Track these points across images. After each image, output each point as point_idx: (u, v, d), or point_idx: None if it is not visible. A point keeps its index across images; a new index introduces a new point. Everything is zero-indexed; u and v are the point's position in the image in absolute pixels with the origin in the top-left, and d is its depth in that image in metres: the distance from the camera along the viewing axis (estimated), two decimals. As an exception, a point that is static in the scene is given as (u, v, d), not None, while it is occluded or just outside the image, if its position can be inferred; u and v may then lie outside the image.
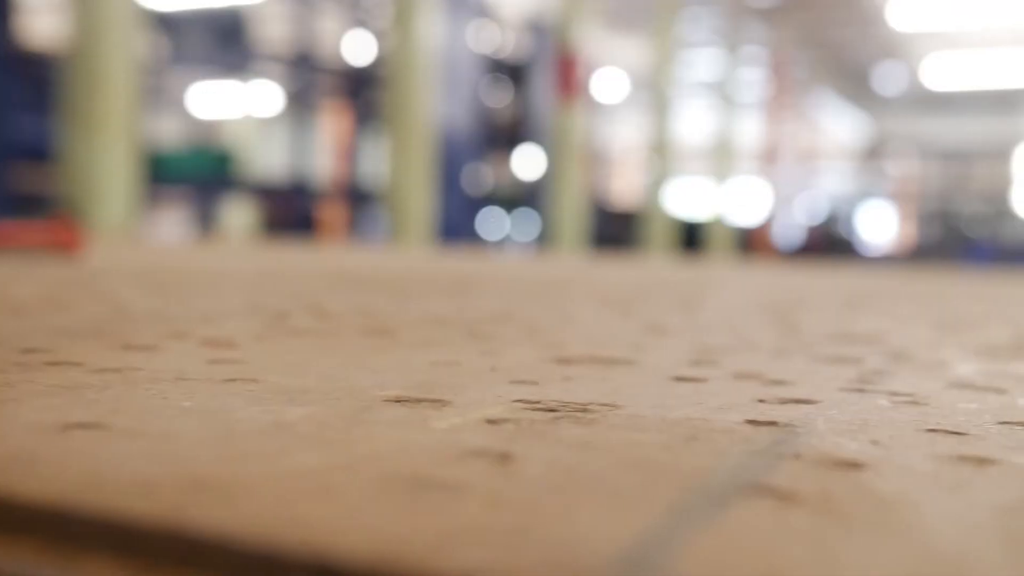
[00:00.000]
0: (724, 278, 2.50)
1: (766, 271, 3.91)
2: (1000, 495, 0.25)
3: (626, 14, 9.95)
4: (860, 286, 2.20)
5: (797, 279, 2.69)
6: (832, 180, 13.71)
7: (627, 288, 1.51)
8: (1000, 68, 10.64)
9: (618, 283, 1.74)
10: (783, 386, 0.45)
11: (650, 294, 1.33)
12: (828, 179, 13.67)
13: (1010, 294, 2.06)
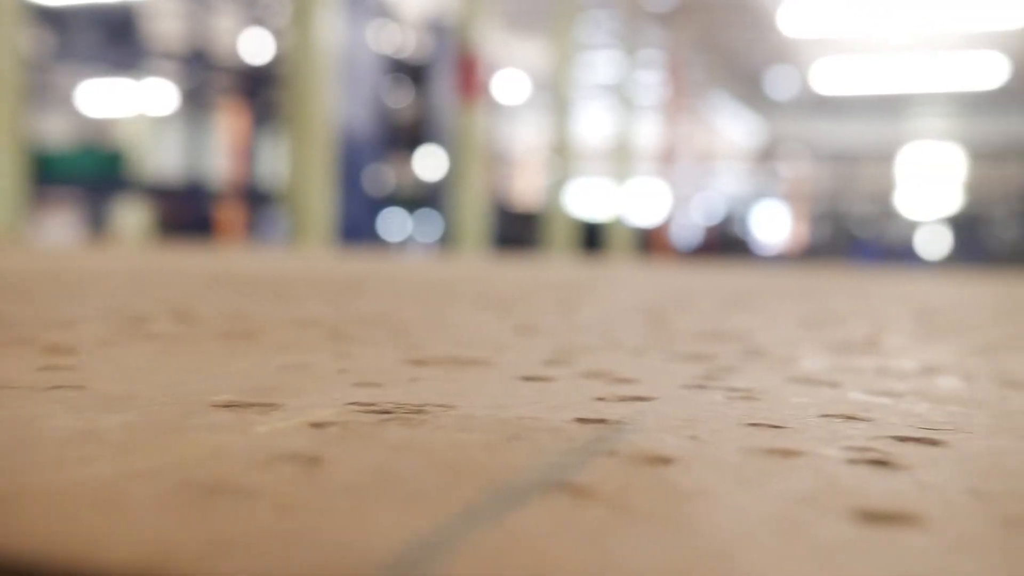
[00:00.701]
0: (617, 278, 2.54)
1: (661, 271, 3.98)
2: (794, 486, 0.26)
3: (526, 16, 10.01)
4: (747, 284, 2.25)
5: (688, 278, 2.74)
6: (728, 181, 14.04)
7: (515, 289, 1.52)
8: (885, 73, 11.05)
9: (508, 284, 1.74)
10: (627, 384, 0.45)
11: (536, 294, 1.34)
12: (724, 180, 14.00)
13: (885, 291, 2.14)
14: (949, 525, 0.23)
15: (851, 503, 0.25)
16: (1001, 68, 10.80)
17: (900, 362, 0.60)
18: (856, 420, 0.38)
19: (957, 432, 0.36)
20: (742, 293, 1.70)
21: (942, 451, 0.32)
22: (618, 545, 0.20)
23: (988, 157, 13.23)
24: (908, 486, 0.27)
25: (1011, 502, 0.25)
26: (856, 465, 0.29)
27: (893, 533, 0.22)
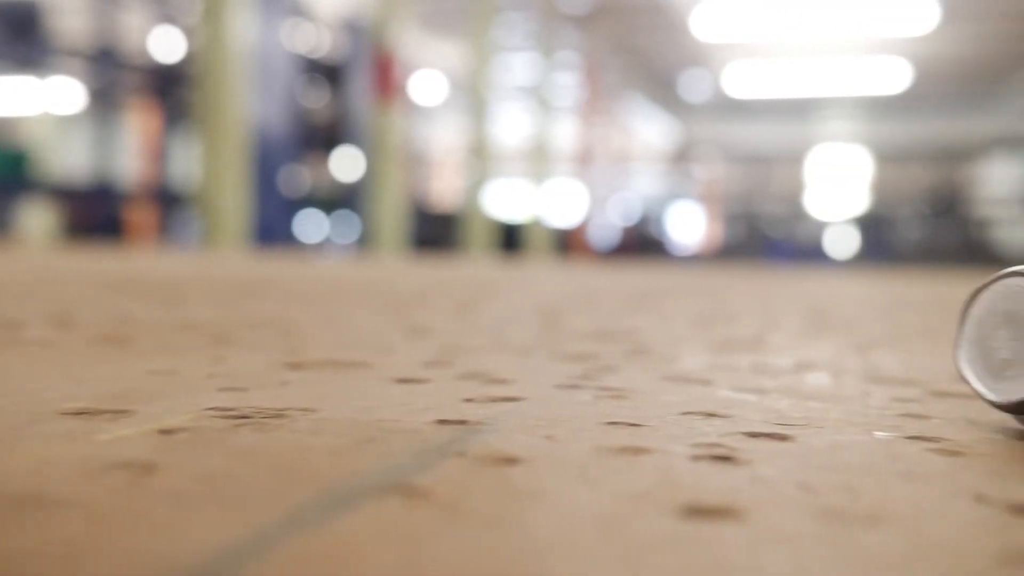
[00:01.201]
0: (528, 278, 2.55)
1: (575, 271, 4.01)
2: (632, 484, 0.27)
3: (443, 17, 9.99)
4: (654, 284, 2.29)
5: (598, 278, 2.77)
6: (644, 182, 14.22)
7: (421, 290, 1.51)
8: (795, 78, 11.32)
9: (415, 285, 1.74)
10: (501, 385, 0.46)
11: (440, 296, 1.34)
12: (640, 181, 14.17)
13: (787, 290, 2.19)
14: (768, 518, 0.24)
15: (682, 499, 0.25)
16: (904, 73, 11.15)
17: (777, 360, 0.62)
18: (715, 417, 0.38)
19: (808, 427, 0.37)
20: (646, 293, 1.72)
21: (787, 446, 0.33)
22: (435, 547, 0.20)
23: (893, 159, 13.66)
24: (743, 481, 0.27)
25: (834, 494, 0.26)
26: (699, 461, 0.30)
27: (711, 527, 0.23)
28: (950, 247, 9.73)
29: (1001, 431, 0.37)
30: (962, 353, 0.38)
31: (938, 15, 8.66)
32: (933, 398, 0.46)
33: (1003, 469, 0.31)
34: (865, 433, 0.36)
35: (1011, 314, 0.36)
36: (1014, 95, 11.57)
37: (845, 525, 0.23)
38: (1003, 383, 0.36)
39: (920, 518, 0.24)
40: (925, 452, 0.33)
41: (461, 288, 1.67)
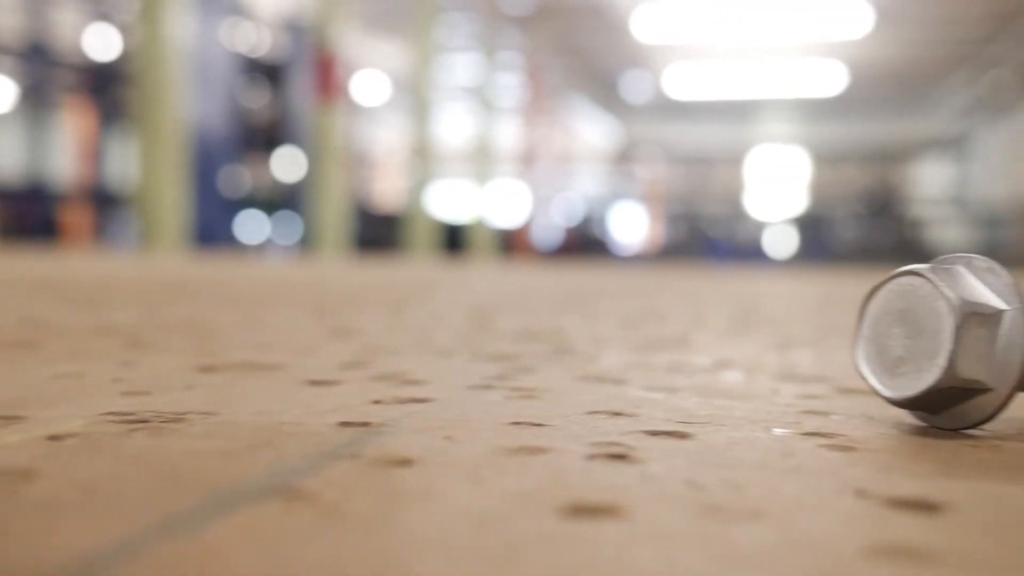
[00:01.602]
0: (467, 278, 2.55)
1: (515, 271, 4.02)
2: (521, 483, 0.27)
3: (385, 17, 9.95)
4: (592, 284, 2.30)
5: (537, 278, 2.78)
6: (586, 183, 14.30)
7: (354, 291, 1.50)
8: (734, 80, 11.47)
9: (350, 286, 1.73)
10: (415, 386, 0.46)
11: (373, 296, 1.33)
12: (583, 182, 14.25)
13: (722, 288, 2.22)
14: (648, 516, 0.24)
15: (567, 498, 0.25)
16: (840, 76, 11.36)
17: (696, 358, 0.63)
18: (621, 416, 0.39)
19: (709, 425, 0.37)
20: (582, 292, 1.73)
21: (685, 444, 0.33)
22: (305, 549, 0.20)
23: (830, 160, 13.91)
24: (632, 479, 0.28)
25: (720, 491, 0.27)
26: (594, 460, 0.30)
27: (589, 526, 0.23)
28: (885, 246, 9.94)
29: (897, 426, 0.38)
30: (859, 350, 0.38)
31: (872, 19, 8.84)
32: (839, 395, 0.47)
33: (891, 464, 0.31)
34: (764, 430, 0.37)
35: (904, 312, 0.37)
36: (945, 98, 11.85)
37: (723, 521, 0.24)
38: (897, 379, 0.37)
39: (798, 513, 0.25)
40: (818, 448, 0.33)
41: (397, 289, 1.67)
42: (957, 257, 0.38)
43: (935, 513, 0.25)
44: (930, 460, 0.32)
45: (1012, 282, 0.36)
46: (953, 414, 0.37)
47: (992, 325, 0.35)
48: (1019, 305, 0.35)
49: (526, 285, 2.12)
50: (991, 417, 0.36)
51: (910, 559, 0.21)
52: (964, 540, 0.23)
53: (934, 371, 0.35)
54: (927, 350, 0.36)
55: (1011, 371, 0.35)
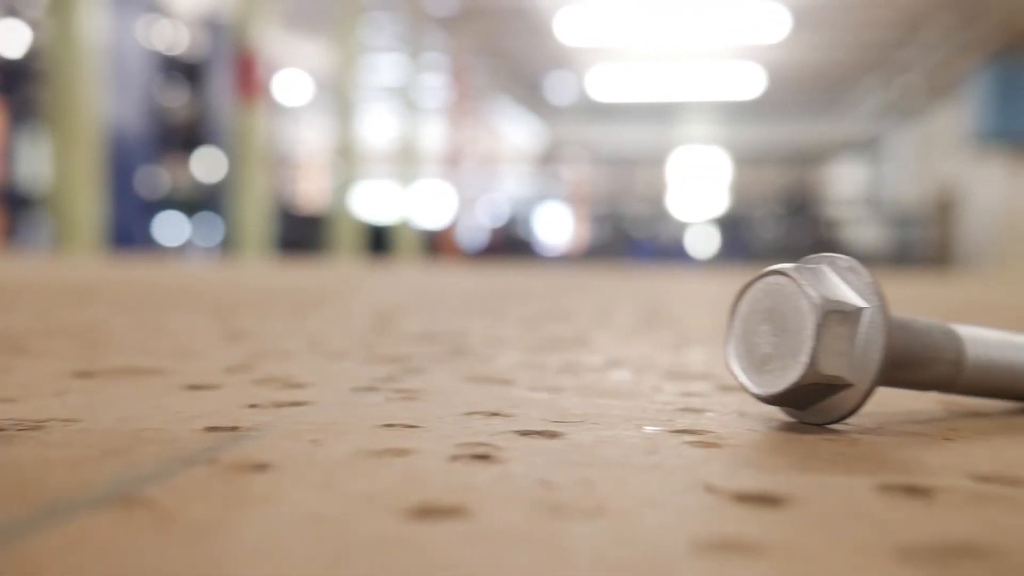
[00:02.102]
0: (384, 280, 2.53)
1: (438, 272, 4.01)
2: (374, 485, 0.27)
3: (307, 16, 9.84)
4: (510, 284, 2.30)
5: (456, 279, 2.77)
6: (512, 183, 14.34)
7: (265, 292, 1.48)
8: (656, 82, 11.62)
9: (263, 287, 1.70)
10: (296, 389, 0.45)
11: (282, 298, 1.31)
12: (508, 182, 14.28)
13: (636, 288, 2.24)
14: (493, 516, 0.24)
15: (417, 499, 0.25)
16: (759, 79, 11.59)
17: (590, 358, 0.63)
18: (498, 416, 0.39)
19: (582, 424, 0.38)
20: (498, 293, 1.74)
21: (552, 443, 0.34)
22: (127, 559, 0.20)
23: (749, 161, 14.18)
24: (489, 479, 0.28)
25: (572, 490, 0.27)
26: (456, 461, 0.30)
27: (431, 527, 0.23)
28: (803, 246, 10.16)
29: (766, 423, 0.39)
30: (730, 349, 0.39)
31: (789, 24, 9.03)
32: (718, 393, 0.48)
33: (749, 459, 0.32)
34: (635, 428, 0.37)
35: (771, 310, 0.38)
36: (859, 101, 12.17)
37: (565, 519, 0.24)
38: (765, 376, 0.37)
39: (641, 509, 0.25)
40: (682, 445, 0.34)
41: (310, 291, 1.65)
42: (822, 257, 0.39)
43: (777, 507, 0.26)
44: (788, 455, 0.33)
45: (872, 281, 0.37)
46: (818, 409, 0.38)
47: (852, 323, 0.36)
48: (878, 303, 0.37)
49: (443, 286, 2.11)
50: (853, 412, 0.37)
51: (736, 552, 0.21)
52: (795, 533, 0.23)
53: (797, 368, 0.36)
54: (791, 347, 0.36)
55: (870, 367, 0.36)
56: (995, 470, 0.31)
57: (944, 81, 9.55)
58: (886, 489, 0.28)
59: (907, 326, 0.39)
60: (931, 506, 0.26)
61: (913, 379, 0.40)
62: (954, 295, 2.27)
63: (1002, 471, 0.31)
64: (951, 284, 3.44)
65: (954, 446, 0.35)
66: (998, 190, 8.49)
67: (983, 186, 8.90)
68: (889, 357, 0.38)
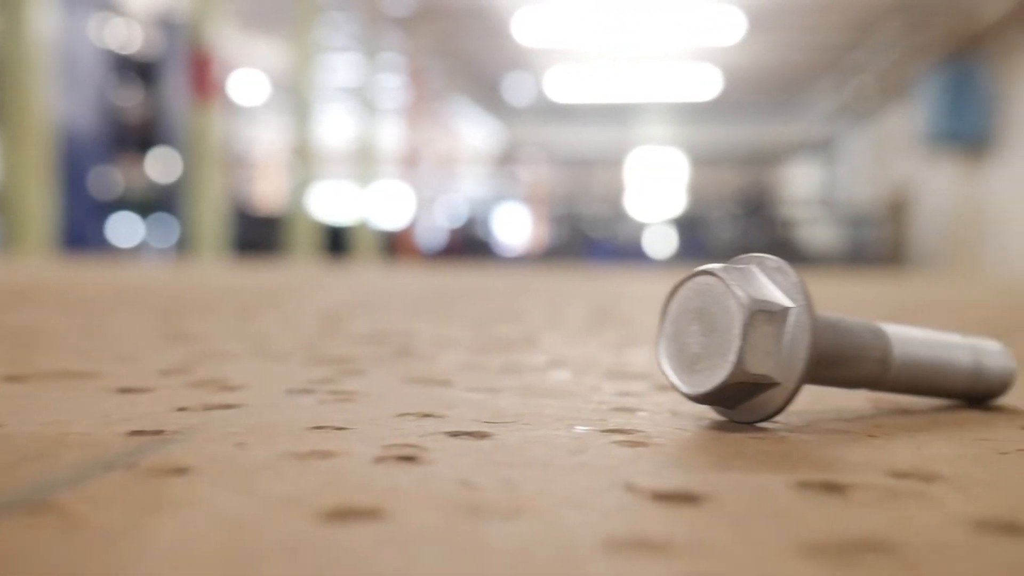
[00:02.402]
0: (339, 280, 2.52)
1: (395, 273, 4.00)
2: (295, 489, 0.27)
3: (263, 15, 9.76)
4: (466, 285, 2.30)
5: (412, 280, 2.76)
6: (470, 184, 14.33)
7: (215, 295, 1.47)
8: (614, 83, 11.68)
9: (214, 289, 1.69)
10: (229, 391, 0.45)
11: (231, 300, 1.30)
12: (466, 183, 14.27)
13: (590, 288, 2.25)
14: (410, 518, 0.24)
15: (336, 501, 0.25)
16: (716, 81, 11.69)
17: (534, 358, 0.63)
18: (430, 418, 0.39)
19: (515, 424, 0.38)
20: (452, 293, 1.73)
21: (481, 443, 0.34)
22: (28, 566, 0.20)
23: (706, 162, 14.30)
24: (411, 481, 0.28)
25: (493, 490, 0.27)
26: (381, 463, 0.30)
27: (345, 530, 0.23)
28: (759, 246, 10.26)
29: (697, 421, 0.40)
30: (661, 348, 0.39)
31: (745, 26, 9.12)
32: (655, 392, 0.48)
33: (674, 458, 0.32)
34: (566, 428, 0.37)
35: (701, 310, 0.38)
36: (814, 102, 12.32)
37: (483, 520, 0.24)
38: (695, 376, 0.38)
39: (558, 509, 0.25)
40: (610, 444, 0.34)
41: (262, 292, 1.64)
42: (751, 257, 0.40)
43: (694, 505, 0.26)
44: (712, 453, 0.33)
45: (799, 281, 0.38)
46: (747, 408, 0.39)
47: (779, 322, 0.37)
48: (804, 303, 0.37)
49: (397, 287, 2.11)
50: (780, 410, 0.38)
51: (646, 550, 0.22)
52: (707, 531, 0.23)
53: (725, 367, 0.36)
54: (720, 347, 0.37)
55: (796, 366, 0.37)
56: (913, 466, 0.31)
57: (896, 83, 9.70)
58: (804, 486, 0.28)
59: (834, 325, 0.40)
60: (845, 503, 0.26)
61: (840, 377, 0.40)
62: (903, 294, 2.30)
63: (920, 467, 0.31)
64: (902, 284, 3.49)
65: (877, 443, 0.36)
66: (949, 191, 8.64)
67: (934, 187, 9.05)
68: (815, 356, 0.38)
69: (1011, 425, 0.40)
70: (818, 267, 8.89)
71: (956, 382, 0.44)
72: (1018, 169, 7.18)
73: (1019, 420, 0.41)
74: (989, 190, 7.69)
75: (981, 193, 7.85)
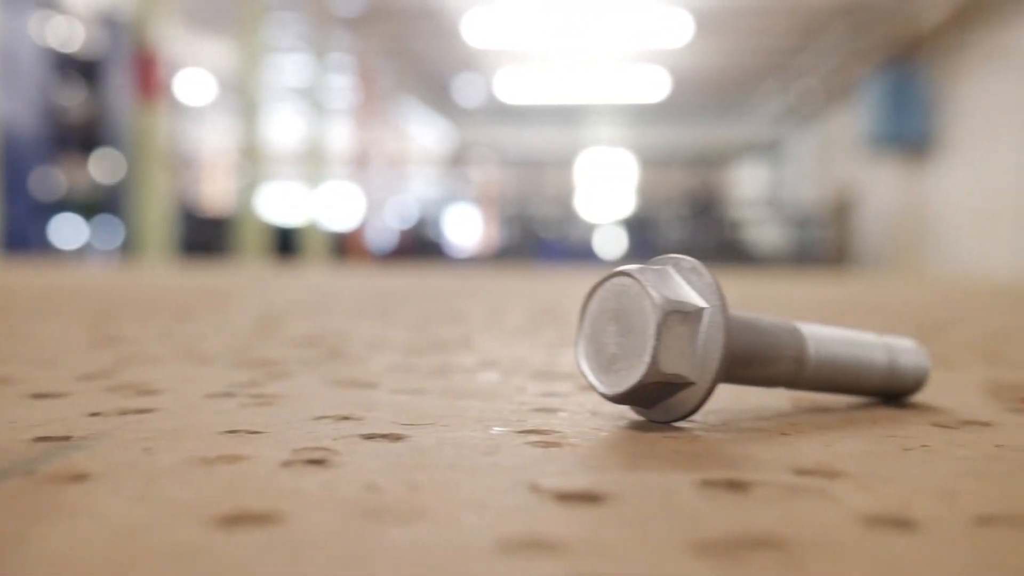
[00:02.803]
0: (284, 282, 2.49)
1: (344, 274, 3.97)
2: (193, 494, 0.26)
3: (209, 14, 9.64)
4: (413, 286, 2.29)
5: (359, 281, 2.75)
6: (421, 185, 14.28)
7: (152, 297, 1.44)
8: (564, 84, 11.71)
9: (153, 292, 1.66)
10: (148, 396, 0.44)
11: (169, 302, 1.28)
12: (417, 184, 14.22)
13: (537, 288, 2.25)
14: (305, 522, 0.24)
15: (234, 507, 0.25)
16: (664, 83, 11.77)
17: (466, 359, 0.63)
18: (348, 420, 0.39)
19: (433, 426, 0.38)
20: (397, 294, 1.72)
21: (394, 446, 0.34)
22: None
23: (656, 163, 14.40)
24: (314, 485, 0.28)
25: (394, 493, 0.27)
26: (288, 467, 0.30)
27: (236, 535, 0.22)
28: (707, 246, 10.36)
29: (616, 421, 0.40)
30: (580, 349, 0.40)
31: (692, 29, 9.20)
32: (579, 392, 0.48)
33: (585, 458, 0.32)
34: (483, 429, 0.37)
35: (618, 311, 0.38)
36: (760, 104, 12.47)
37: (380, 523, 0.24)
38: (612, 376, 0.38)
39: (461, 511, 0.25)
40: (524, 445, 0.34)
41: (204, 293, 1.62)
42: (667, 258, 0.40)
43: (595, 505, 0.26)
44: (624, 453, 0.33)
45: (713, 281, 0.38)
46: (664, 408, 0.39)
47: (693, 322, 0.37)
48: (718, 303, 0.37)
49: (343, 288, 2.09)
50: (696, 409, 0.38)
51: (539, 551, 0.22)
52: (604, 530, 0.24)
53: (640, 367, 0.37)
54: (636, 347, 0.37)
55: (711, 365, 0.37)
56: (819, 463, 0.32)
57: (840, 86, 9.86)
58: (708, 485, 0.29)
59: (749, 325, 0.40)
60: (745, 500, 0.27)
61: (756, 376, 0.41)
62: (843, 294, 2.34)
63: (825, 464, 0.32)
64: (845, 283, 3.55)
65: (789, 441, 0.36)
66: (891, 192, 8.80)
67: (877, 188, 9.21)
68: (730, 355, 0.39)
69: (921, 422, 0.41)
70: (765, 267, 9.00)
71: (872, 380, 0.45)
72: (957, 171, 7.33)
73: (930, 417, 0.42)
74: (930, 191, 7.84)
75: (922, 194, 8.01)
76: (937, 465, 0.32)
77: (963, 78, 7.31)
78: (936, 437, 0.37)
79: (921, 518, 0.25)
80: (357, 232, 11.06)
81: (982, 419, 0.42)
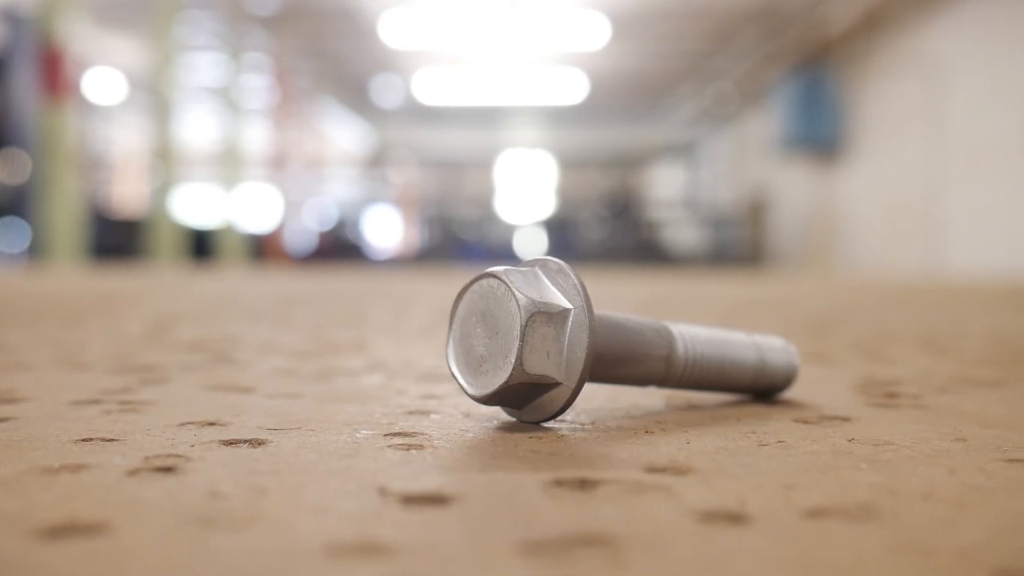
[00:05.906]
0: (191, 286, 2.45)
1: (257, 277, 3.91)
2: (23, 505, 0.26)
3: (119, 11, 9.40)
4: (323, 288, 2.27)
5: (270, 284, 2.71)
6: (340, 187, 14.15)
7: (45, 303, 1.40)
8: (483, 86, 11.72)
9: (48, 297, 1.61)
10: (9, 404, 0.43)
11: (62, 308, 1.25)
12: (336, 186, 14.09)
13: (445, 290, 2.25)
14: (135, 531, 0.23)
15: (63, 517, 0.24)
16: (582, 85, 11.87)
17: (354, 362, 0.63)
18: (213, 426, 0.38)
19: (299, 430, 0.37)
20: (301, 297, 1.71)
21: (252, 451, 0.33)
22: None
23: (574, 165, 14.52)
24: (157, 493, 0.27)
25: (235, 499, 0.26)
26: (135, 475, 0.29)
27: (59, 545, 0.22)
28: (626, 247, 10.48)
29: (487, 423, 0.40)
30: (450, 351, 0.40)
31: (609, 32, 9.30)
32: (458, 395, 0.48)
33: (444, 460, 0.32)
34: (350, 433, 0.37)
35: (485, 313, 0.39)
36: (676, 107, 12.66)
37: (212, 531, 0.23)
38: (480, 378, 0.38)
39: (300, 516, 0.25)
40: (387, 448, 0.34)
41: (99, 298, 1.57)
42: (534, 260, 0.40)
43: (440, 507, 0.26)
44: (485, 454, 0.33)
45: (578, 283, 0.39)
46: (533, 408, 0.39)
47: (558, 323, 0.37)
48: (583, 304, 0.38)
49: (251, 291, 2.06)
50: (564, 409, 0.38)
51: (369, 555, 0.22)
52: (441, 532, 0.24)
53: (506, 368, 0.37)
54: (502, 348, 0.37)
55: (577, 365, 0.37)
56: (672, 461, 0.32)
57: (753, 90, 10.07)
58: (558, 484, 0.29)
59: (616, 325, 0.41)
60: (589, 499, 0.27)
61: (625, 376, 0.41)
62: (747, 292, 2.39)
63: (678, 462, 0.32)
64: (756, 282, 3.62)
65: (650, 439, 0.37)
66: (803, 193, 9.02)
67: (790, 189, 9.43)
68: (596, 355, 0.39)
69: (784, 418, 0.42)
70: (682, 267, 9.14)
71: (741, 378, 0.45)
72: (865, 172, 7.55)
73: (794, 413, 0.43)
74: (839, 192, 8.06)
75: (832, 195, 8.22)
76: (785, 460, 0.33)
77: (870, 82, 7.53)
78: (794, 432, 0.38)
79: (754, 512, 0.26)
80: (275, 234, 10.91)
81: (843, 414, 0.43)
